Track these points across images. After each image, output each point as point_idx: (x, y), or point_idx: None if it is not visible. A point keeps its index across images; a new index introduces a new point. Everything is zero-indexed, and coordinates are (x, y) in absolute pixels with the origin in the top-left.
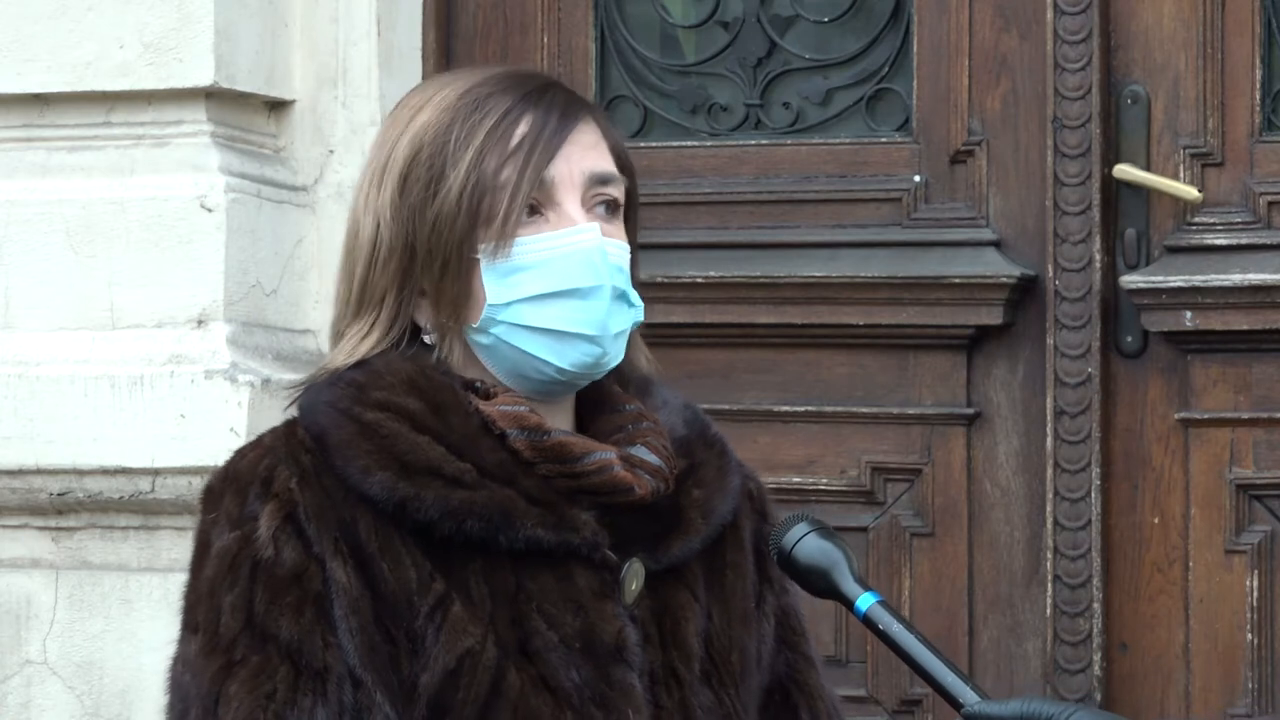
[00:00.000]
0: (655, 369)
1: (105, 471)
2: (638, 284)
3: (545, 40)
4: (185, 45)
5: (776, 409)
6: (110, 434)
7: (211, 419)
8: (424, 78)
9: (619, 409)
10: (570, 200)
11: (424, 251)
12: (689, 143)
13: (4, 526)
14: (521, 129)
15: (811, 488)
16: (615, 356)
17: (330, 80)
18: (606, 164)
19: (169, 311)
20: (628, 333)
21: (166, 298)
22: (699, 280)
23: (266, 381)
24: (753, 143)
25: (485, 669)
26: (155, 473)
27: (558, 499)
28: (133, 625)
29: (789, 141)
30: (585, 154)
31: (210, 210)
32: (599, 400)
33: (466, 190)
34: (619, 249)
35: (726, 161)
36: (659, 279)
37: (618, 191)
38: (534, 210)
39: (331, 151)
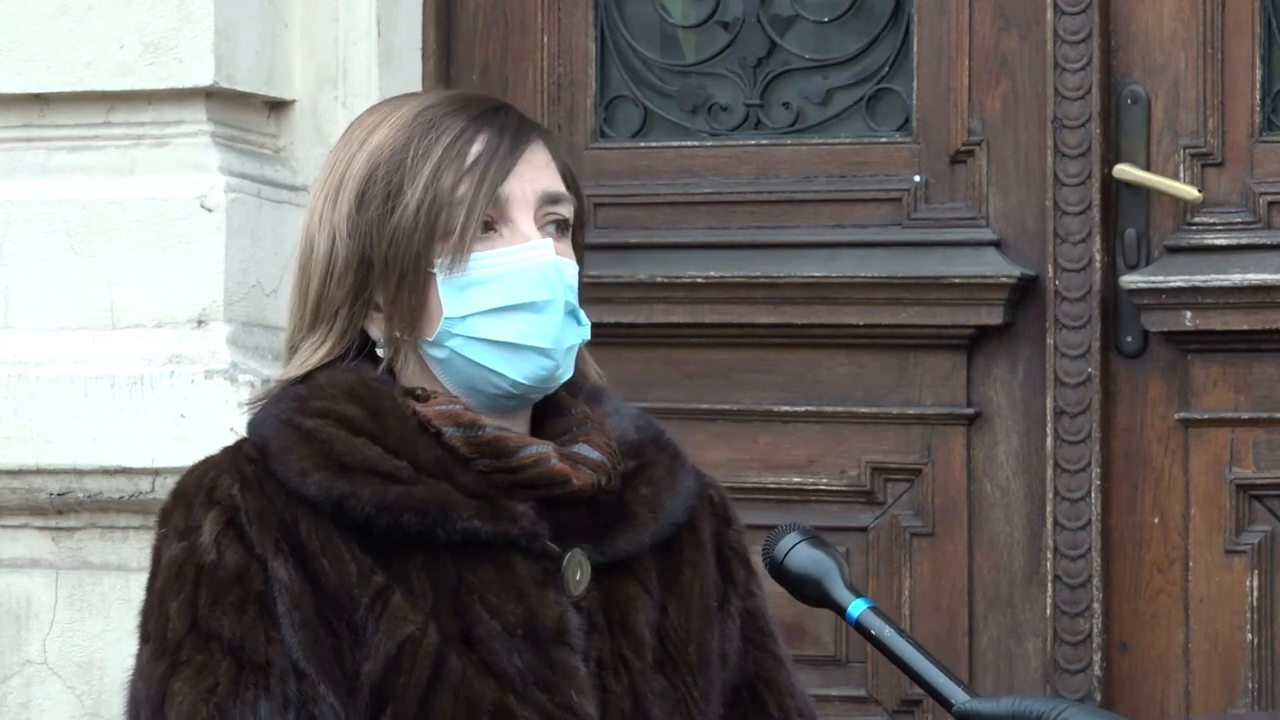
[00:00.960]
0: (605, 382)
1: (105, 471)
2: (584, 303)
3: (545, 40)
4: (185, 45)
5: (776, 409)
6: (110, 434)
7: (211, 419)
8: (424, 78)
9: (566, 413)
10: (524, 217)
11: (380, 265)
12: (689, 143)
13: (4, 526)
14: (476, 147)
15: (811, 488)
16: (566, 371)
17: (330, 80)
18: (557, 184)
19: (169, 311)
20: (576, 349)
21: (166, 298)
22: (699, 280)
23: (266, 381)
24: (753, 143)
25: (426, 654)
26: (155, 473)
27: (495, 492)
28: (133, 625)
29: (789, 141)
30: (538, 174)
31: (210, 210)
32: (550, 410)
33: (424, 205)
34: (570, 266)
35: (726, 161)
36: (659, 279)
37: (568, 211)
38: (489, 226)
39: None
